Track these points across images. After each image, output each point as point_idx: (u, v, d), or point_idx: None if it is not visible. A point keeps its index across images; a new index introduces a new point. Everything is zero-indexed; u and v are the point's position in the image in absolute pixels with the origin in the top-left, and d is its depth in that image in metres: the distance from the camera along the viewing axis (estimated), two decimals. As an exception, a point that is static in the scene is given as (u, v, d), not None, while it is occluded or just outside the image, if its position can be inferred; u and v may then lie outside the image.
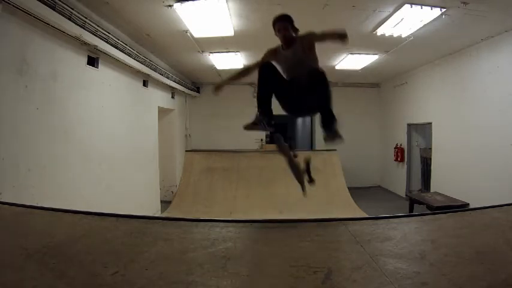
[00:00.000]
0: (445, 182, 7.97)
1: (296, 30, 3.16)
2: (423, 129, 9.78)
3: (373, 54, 7.80)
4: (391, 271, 1.64)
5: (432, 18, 5.19)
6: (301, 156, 3.52)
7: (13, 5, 3.37)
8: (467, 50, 7.04)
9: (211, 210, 8.57)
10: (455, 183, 7.47)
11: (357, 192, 10.20)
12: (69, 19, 4.19)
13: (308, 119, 13.90)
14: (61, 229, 2.33)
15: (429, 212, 6.25)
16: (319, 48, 3.18)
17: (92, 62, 5.26)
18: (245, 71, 3.48)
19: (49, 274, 1.59)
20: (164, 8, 4.90)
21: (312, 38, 3.11)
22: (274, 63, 3.20)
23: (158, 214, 8.15)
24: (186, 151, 10.95)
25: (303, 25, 5.73)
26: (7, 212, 2.59)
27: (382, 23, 5.56)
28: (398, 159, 10.64)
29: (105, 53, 5.40)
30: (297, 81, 3.09)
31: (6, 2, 3.29)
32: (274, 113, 3.25)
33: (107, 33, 5.16)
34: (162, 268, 1.68)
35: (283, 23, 3.16)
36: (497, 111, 6.18)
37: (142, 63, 6.71)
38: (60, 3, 3.96)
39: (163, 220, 2.78)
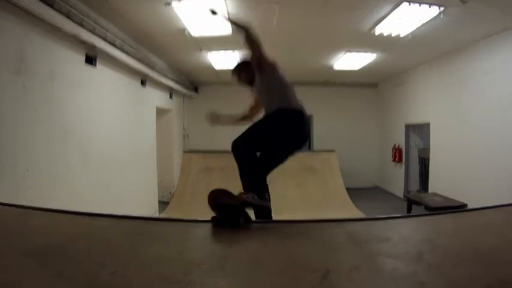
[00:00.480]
0: (443, 182, 7.98)
1: (252, 68, 3.03)
2: (421, 130, 9.80)
3: (371, 53, 7.80)
4: (389, 271, 1.64)
5: (430, 17, 5.20)
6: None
7: (11, 3, 3.35)
8: (465, 49, 7.05)
9: (210, 210, 8.55)
10: (454, 183, 7.48)
11: (355, 192, 10.21)
12: (67, 17, 4.17)
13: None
14: (60, 229, 2.33)
15: (427, 212, 6.27)
16: (315, 47, 3.17)
17: (90, 60, 5.24)
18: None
19: (48, 274, 1.59)
20: (162, 7, 4.89)
21: (252, 58, 2.96)
22: None
23: (156, 214, 8.14)
24: (184, 151, 10.94)
25: (302, 24, 5.77)
26: (6, 212, 2.58)
27: (380, 22, 5.56)
28: (396, 159, 10.65)
29: (103, 52, 5.37)
30: None
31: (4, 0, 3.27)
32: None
33: (105, 32, 5.14)
34: (161, 268, 1.68)
35: (235, 77, 3.24)
36: (496, 111, 6.19)
37: (140, 62, 6.68)
38: (58, 1, 3.93)
39: (162, 221, 2.78)
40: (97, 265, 1.69)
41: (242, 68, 3.17)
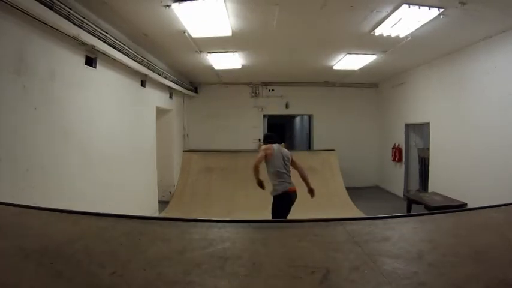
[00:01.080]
0: (443, 182, 7.99)
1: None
2: (421, 129, 9.80)
3: (371, 54, 7.81)
4: (389, 271, 1.63)
5: (430, 19, 5.20)
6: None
7: (11, 5, 3.36)
8: (465, 50, 7.06)
9: (210, 210, 8.57)
10: (453, 183, 7.49)
11: (355, 192, 10.22)
12: (67, 19, 4.18)
13: (306, 119, 13.90)
14: (59, 229, 2.32)
15: (427, 212, 6.27)
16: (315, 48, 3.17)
17: (90, 62, 5.25)
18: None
19: (47, 274, 1.58)
20: (162, 8, 4.90)
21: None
22: None
23: (156, 214, 8.14)
24: (184, 151, 10.95)
25: (301, 25, 5.79)
26: (5, 212, 2.58)
27: (380, 23, 5.57)
28: (396, 159, 10.65)
29: (103, 53, 5.38)
30: None
31: (3, 1, 3.27)
32: (272, 113, 3.54)
33: (104, 33, 5.15)
34: (160, 268, 1.67)
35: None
36: (496, 111, 6.19)
37: (140, 63, 6.69)
38: (58, 3, 3.94)
39: (161, 220, 2.77)
40: (97, 265, 1.69)
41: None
